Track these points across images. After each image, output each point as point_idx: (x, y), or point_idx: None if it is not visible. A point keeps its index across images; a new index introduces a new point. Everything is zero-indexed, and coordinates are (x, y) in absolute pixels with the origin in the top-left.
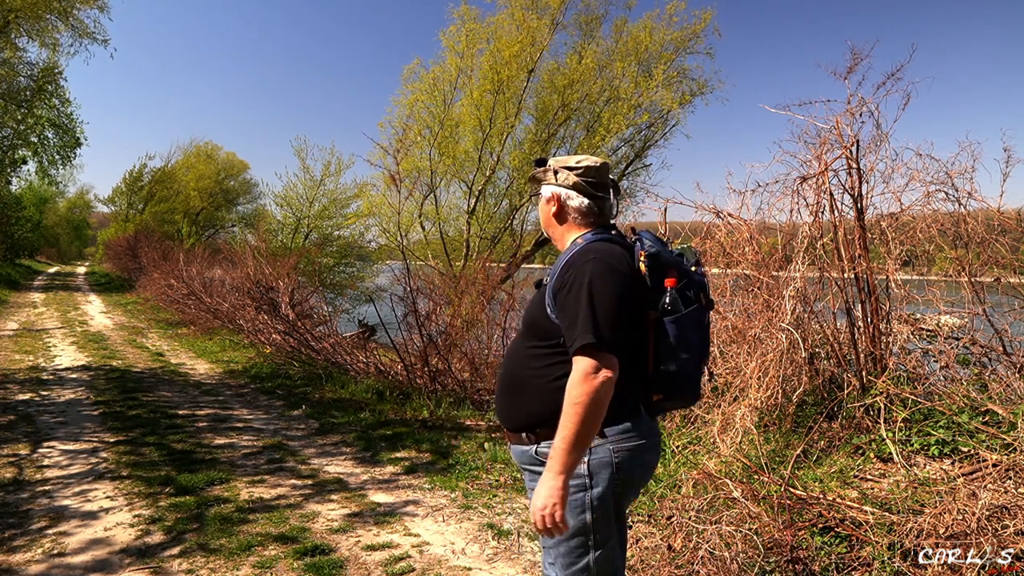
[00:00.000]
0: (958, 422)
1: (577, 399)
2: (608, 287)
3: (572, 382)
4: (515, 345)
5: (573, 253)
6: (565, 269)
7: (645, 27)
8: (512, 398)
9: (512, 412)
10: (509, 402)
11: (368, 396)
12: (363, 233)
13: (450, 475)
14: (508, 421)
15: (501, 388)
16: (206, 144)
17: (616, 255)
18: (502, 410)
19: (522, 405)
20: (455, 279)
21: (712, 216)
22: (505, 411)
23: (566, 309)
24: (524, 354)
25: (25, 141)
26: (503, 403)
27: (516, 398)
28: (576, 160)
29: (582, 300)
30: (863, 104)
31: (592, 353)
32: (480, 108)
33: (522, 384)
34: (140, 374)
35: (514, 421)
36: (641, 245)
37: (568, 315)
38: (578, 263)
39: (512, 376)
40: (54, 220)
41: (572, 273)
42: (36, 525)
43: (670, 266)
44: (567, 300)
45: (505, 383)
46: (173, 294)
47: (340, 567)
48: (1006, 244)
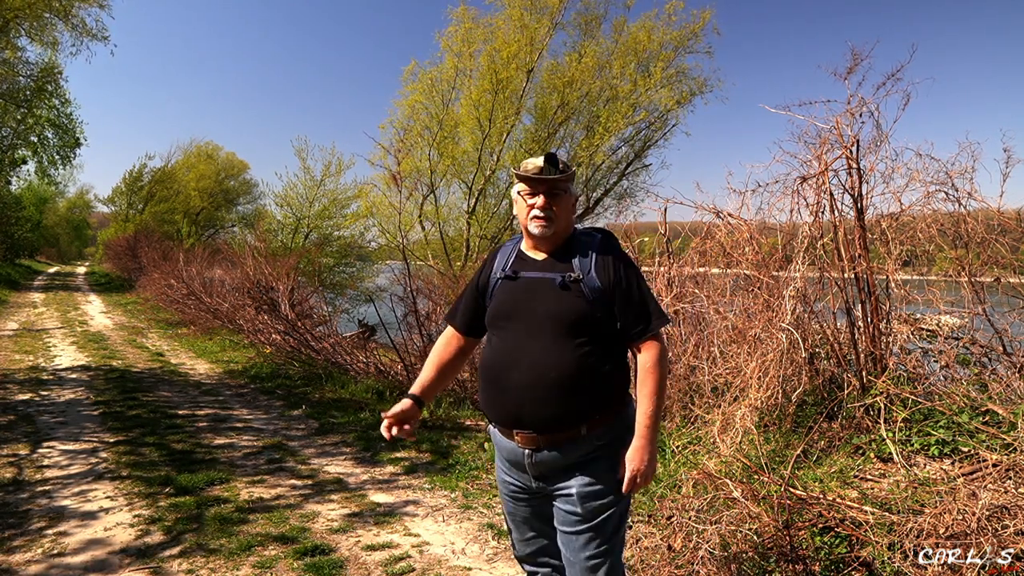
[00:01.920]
0: (958, 422)
1: (663, 375)
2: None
3: (656, 361)
4: (558, 347)
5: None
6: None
7: (644, 26)
8: (569, 399)
9: (568, 413)
10: (565, 404)
11: (368, 396)
12: (363, 233)
13: (450, 475)
14: (561, 423)
15: (550, 393)
16: (206, 144)
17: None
18: (552, 414)
19: (581, 403)
20: (455, 279)
21: (712, 216)
22: (557, 414)
23: (631, 300)
24: (575, 354)
25: (25, 141)
26: (553, 408)
27: (574, 398)
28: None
29: (644, 288)
30: (863, 104)
31: (662, 334)
32: (479, 108)
33: (578, 383)
34: (140, 374)
35: (571, 420)
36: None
37: (636, 304)
38: (617, 255)
39: (566, 378)
40: (54, 220)
41: (621, 266)
42: (35, 525)
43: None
44: (629, 291)
45: (557, 386)
46: (173, 294)
47: (340, 567)
48: (1006, 244)
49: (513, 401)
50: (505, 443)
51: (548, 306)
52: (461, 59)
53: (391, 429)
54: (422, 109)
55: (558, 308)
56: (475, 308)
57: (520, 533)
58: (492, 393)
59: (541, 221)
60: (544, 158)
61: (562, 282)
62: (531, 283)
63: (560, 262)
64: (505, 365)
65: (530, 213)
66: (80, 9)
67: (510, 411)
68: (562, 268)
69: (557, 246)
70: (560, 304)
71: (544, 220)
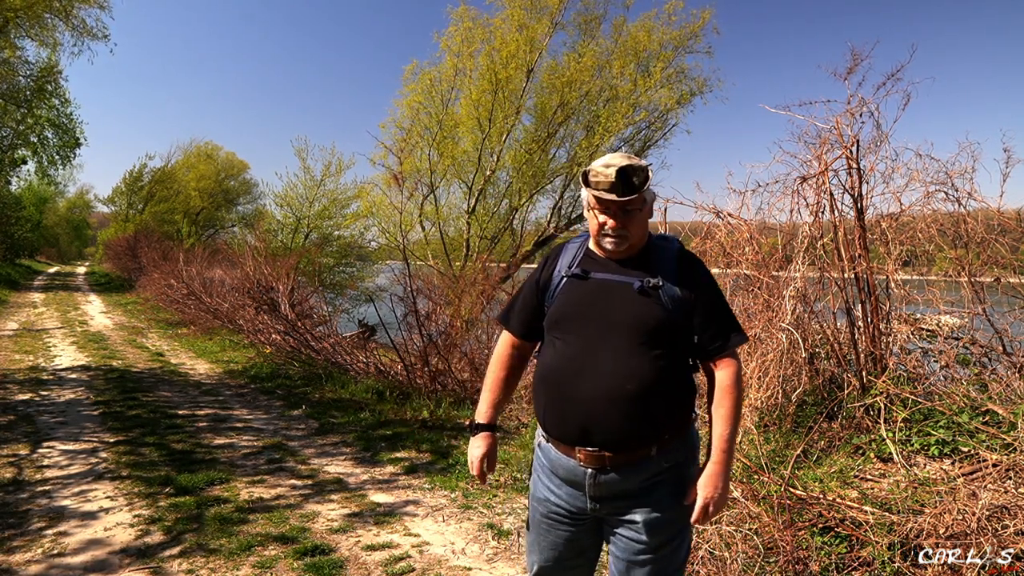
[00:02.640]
0: (958, 422)
1: (740, 396)
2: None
3: (734, 380)
4: (635, 356)
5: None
6: (691, 274)
7: (644, 26)
8: (644, 415)
9: (642, 430)
10: (640, 420)
11: (368, 396)
12: (363, 233)
13: (450, 475)
14: (634, 441)
15: (625, 407)
16: (206, 144)
17: None
18: (626, 431)
19: (655, 420)
20: (455, 279)
21: (712, 216)
22: (631, 431)
23: (713, 313)
24: (653, 365)
25: (25, 141)
26: (627, 423)
27: (649, 414)
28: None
29: (724, 302)
30: (863, 104)
31: (739, 353)
32: (479, 108)
33: (656, 397)
34: (140, 374)
35: (644, 438)
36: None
37: (717, 318)
38: (698, 266)
39: (644, 391)
40: (54, 220)
41: (703, 277)
42: (35, 525)
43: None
44: (711, 304)
45: (633, 399)
46: (173, 294)
47: (340, 567)
48: (1006, 244)
49: (581, 414)
50: (562, 460)
51: (626, 311)
52: (460, 59)
53: (483, 471)
54: (422, 109)
55: (637, 314)
56: (534, 308)
57: (550, 557)
58: (554, 404)
59: (614, 240)
60: (617, 174)
61: (641, 287)
62: (604, 285)
63: (635, 267)
64: (571, 373)
65: (601, 229)
66: (80, 9)
67: (576, 425)
68: (638, 273)
69: (632, 254)
70: (639, 310)
71: (617, 240)
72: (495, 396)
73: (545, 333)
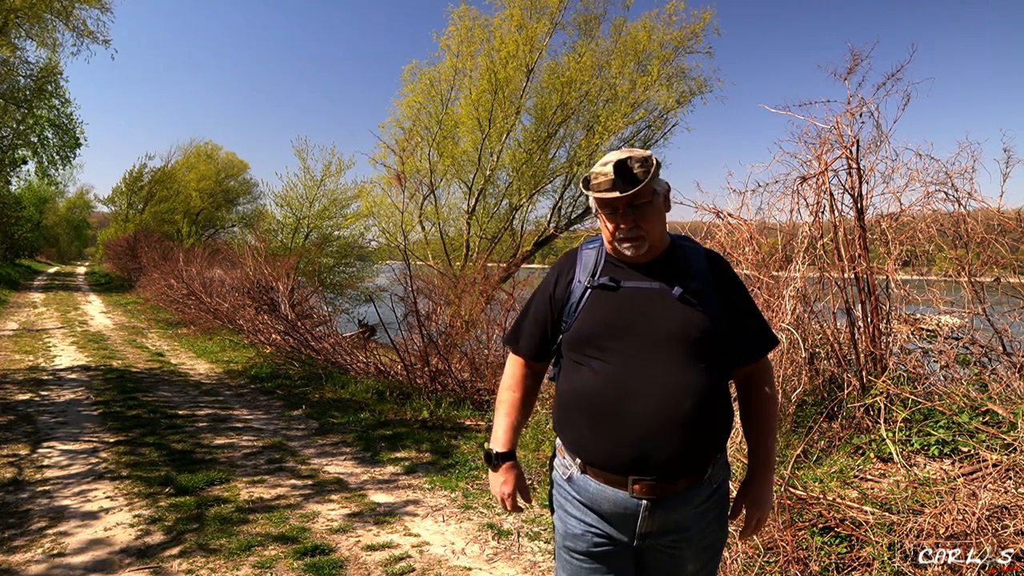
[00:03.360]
0: (958, 422)
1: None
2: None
3: (774, 384)
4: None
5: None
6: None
7: (644, 26)
8: (703, 434)
9: (701, 451)
10: (699, 440)
11: (368, 396)
12: (363, 233)
13: (450, 475)
14: (693, 464)
15: (686, 428)
16: (206, 144)
17: None
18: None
19: (711, 438)
20: (455, 279)
21: (712, 216)
22: (691, 454)
23: (749, 317)
24: (706, 379)
25: (25, 141)
26: (688, 446)
27: (707, 433)
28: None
29: (754, 305)
30: (863, 104)
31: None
32: (479, 108)
33: (713, 414)
34: (140, 374)
35: (702, 460)
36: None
37: (753, 321)
38: (728, 267)
39: (702, 409)
40: (54, 220)
41: (735, 279)
42: (36, 525)
43: None
44: (747, 307)
45: (693, 419)
46: (173, 294)
47: (340, 567)
48: (1006, 244)
49: (635, 440)
50: (607, 493)
51: (672, 322)
52: (460, 59)
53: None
54: (422, 109)
55: (684, 324)
56: (549, 326)
57: None
58: (601, 431)
59: (631, 244)
60: (614, 169)
61: (682, 294)
62: (641, 294)
63: (667, 269)
64: (617, 396)
65: (614, 234)
66: (81, 10)
67: (630, 454)
68: (670, 278)
69: (655, 255)
70: (685, 319)
71: (634, 241)
72: (513, 420)
73: (567, 352)
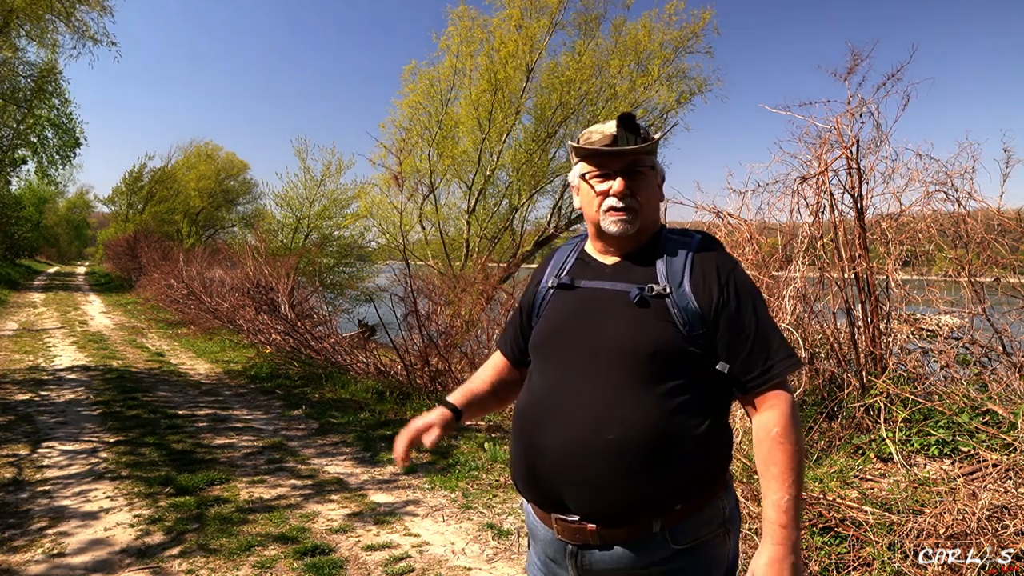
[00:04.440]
0: (958, 422)
1: (799, 445)
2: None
3: (788, 422)
4: (626, 392)
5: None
6: (714, 275)
7: (644, 26)
8: (637, 476)
9: (634, 497)
10: (629, 482)
11: (368, 396)
12: (363, 233)
13: (450, 475)
14: (627, 511)
15: (605, 464)
16: (206, 144)
17: None
18: (608, 497)
19: (655, 482)
20: (455, 279)
21: (712, 216)
22: (615, 497)
23: (745, 330)
24: (654, 405)
25: (25, 141)
26: (609, 486)
27: (644, 474)
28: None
29: (764, 314)
30: (863, 105)
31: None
32: (478, 108)
33: (654, 451)
34: (140, 374)
35: (638, 508)
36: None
37: (753, 336)
38: (727, 264)
39: (634, 443)
40: (54, 220)
41: (731, 279)
42: (36, 525)
43: None
44: (741, 317)
45: (617, 453)
46: (173, 294)
47: (340, 567)
48: (1006, 244)
49: (550, 471)
50: (540, 529)
51: (617, 330)
52: (460, 59)
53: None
54: (421, 109)
55: (632, 334)
56: (521, 330)
57: None
58: (520, 457)
59: (620, 214)
60: (619, 121)
61: (639, 296)
62: (592, 296)
63: (638, 268)
64: (543, 416)
65: (603, 204)
66: (84, 13)
67: (544, 484)
68: (641, 277)
69: (638, 246)
70: (635, 328)
71: (625, 212)
72: (473, 386)
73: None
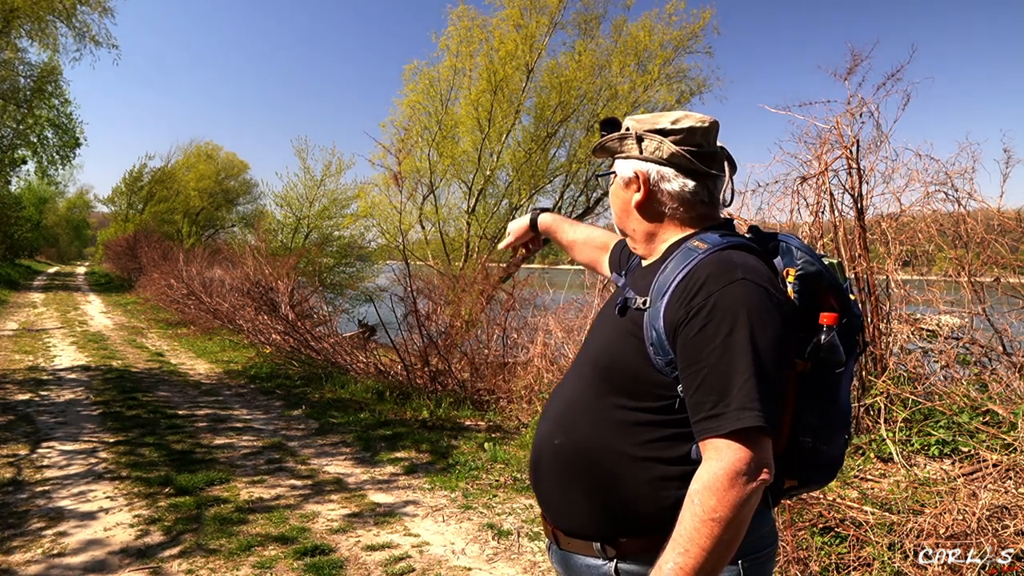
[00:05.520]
0: (958, 422)
1: (716, 513)
2: (771, 331)
3: (713, 484)
4: (584, 398)
5: (697, 263)
6: (694, 290)
7: (644, 26)
8: (581, 485)
9: (577, 507)
10: (573, 491)
11: (368, 396)
12: (363, 233)
13: (450, 475)
14: (568, 519)
15: (557, 466)
16: (206, 144)
17: (767, 276)
18: (558, 501)
19: (600, 499)
20: (455, 279)
21: None
22: (564, 503)
23: (703, 361)
24: (605, 416)
25: (25, 141)
26: (560, 491)
27: (589, 486)
28: (671, 119)
29: (738, 351)
30: (863, 105)
31: (751, 441)
32: (478, 108)
33: (604, 465)
34: (139, 374)
35: (580, 521)
36: (789, 258)
37: (711, 372)
38: (718, 283)
39: (585, 451)
40: (54, 220)
41: (711, 300)
42: (35, 525)
43: (831, 292)
44: (705, 346)
45: (567, 459)
46: (173, 294)
47: (340, 567)
48: (1006, 244)
49: (532, 460)
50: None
51: (598, 337)
52: (459, 59)
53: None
54: (421, 109)
55: (601, 345)
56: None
57: None
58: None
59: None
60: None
61: (622, 305)
62: (612, 297)
63: (649, 275)
64: (546, 405)
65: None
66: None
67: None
68: (644, 286)
69: (651, 252)
70: (606, 339)
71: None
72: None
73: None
